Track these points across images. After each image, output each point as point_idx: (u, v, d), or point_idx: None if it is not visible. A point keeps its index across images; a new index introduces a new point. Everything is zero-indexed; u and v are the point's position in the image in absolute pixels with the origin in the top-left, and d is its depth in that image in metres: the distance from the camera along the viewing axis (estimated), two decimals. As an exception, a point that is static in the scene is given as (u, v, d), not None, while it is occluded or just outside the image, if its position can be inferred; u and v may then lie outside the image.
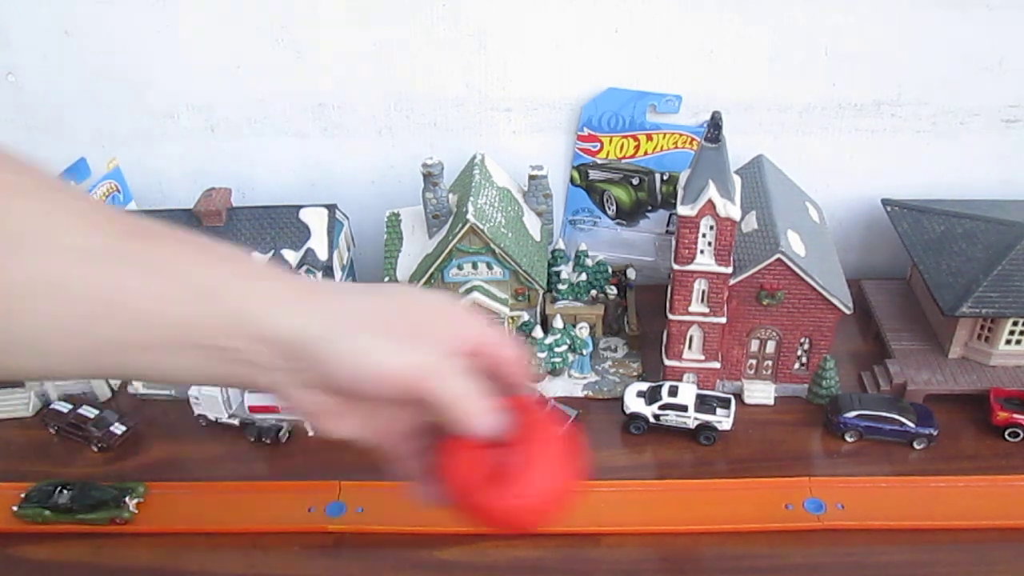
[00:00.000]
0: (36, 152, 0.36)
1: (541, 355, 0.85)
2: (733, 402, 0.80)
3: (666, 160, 0.95)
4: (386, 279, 0.86)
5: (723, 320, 0.79)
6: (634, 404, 0.80)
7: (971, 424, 0.80)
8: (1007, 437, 0.77)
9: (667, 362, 0.83)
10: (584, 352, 0.87)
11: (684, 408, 0.79)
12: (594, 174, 0.97)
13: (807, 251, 0.78)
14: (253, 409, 0.80)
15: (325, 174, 0.99)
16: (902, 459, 0.77)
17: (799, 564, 0.67)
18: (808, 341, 0.81)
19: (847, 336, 0.89)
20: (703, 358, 0.82)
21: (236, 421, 0.81)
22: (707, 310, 0.79)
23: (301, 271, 0.82)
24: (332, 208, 0.87)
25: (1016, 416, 0.77)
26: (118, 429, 0.81)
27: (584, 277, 0.90)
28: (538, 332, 0.86)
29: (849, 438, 0.78)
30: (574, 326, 0.87)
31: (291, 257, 0.82)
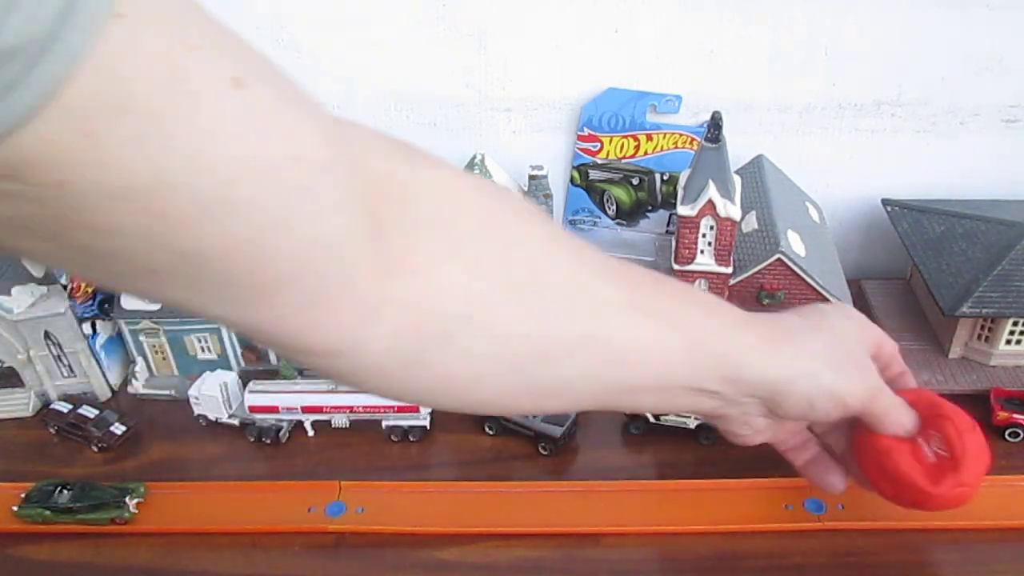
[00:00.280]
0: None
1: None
2: (733, 402, 0.80)
3: (666, 160, 0.95)
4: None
5: (723, 320, 0.79)
6: (634, 404, 0.80)
7: (971, 424, 0.80)
8: (1007, 437, 0.77)
9: (667, 362, 0.83)
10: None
11: (684, 408, 0.78)
12: (594, 174, 0.97)
13: (807, 251, 0.78)
14: (253, 409, 0.80)
15: (325, 174, 0.99)
16: (902, 459, 0.77)
17: (799, 564, 0.67)
18: (808, 341, 0.81)
19: (847, 336, 0.89)
20: (703, 358, 0.82)
21: (236, 421, 0.81)
22: (707, 310, 0.79)
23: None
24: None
25: (1016, 416, 0.77)
26: (118, 429, 0.81)
27: (584, 277, 0.90)
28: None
29: (849, 438, 0.78)
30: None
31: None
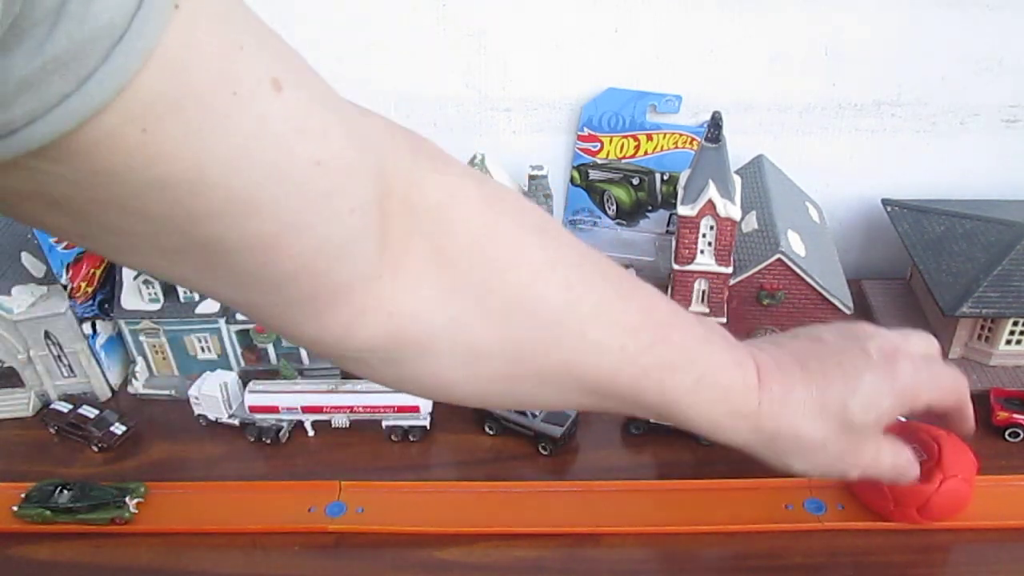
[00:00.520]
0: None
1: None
2: (733, 402, 0.80)
3: (666, 160, 0.95)
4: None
5: (723, 320, 0.79)
6: (634, 404, 0.80)
7: (971, 424, 0.80)
8: (1007, 437, 0.77)
9: (667, 362, 0.83)
10: (584, 352, 0.87)
11: (684, 408, 0.78)
12: (594, 174, 0.97)
13: (807, 251, 0.78)
14: (253, 409, 0.80)
15: (325, 174, 0.99)
16: (902, 459, 0.77)
17: (799, 564, 0.67)
18: (808, 341, 0.81)
19: (847, 336, 0.89)
20: (703, 358, 0.82)
21: (236, 421, 0.81)
22: (707, 310, 0.79)
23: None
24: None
25: (1016, 416, 0.77)
26: (118, 429, 0.81)
27: (584, 277, 0.90)
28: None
29: (849, 438, 0.78)
30: (574, 326, 0.87)
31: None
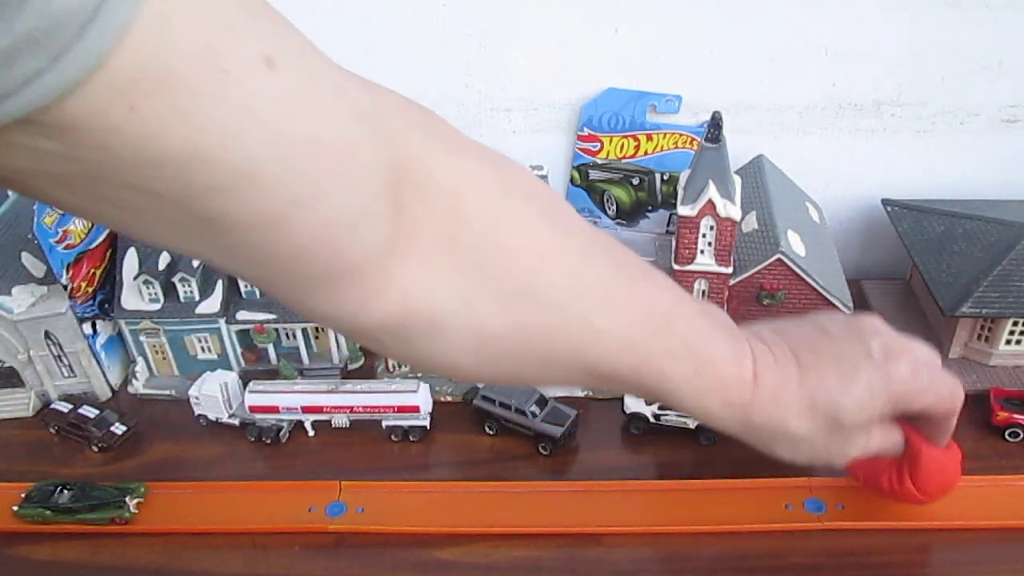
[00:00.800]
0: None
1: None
2: (733, 402, 0.80)
3: (666, 160, 0.95)
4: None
5: (723, 320, 0.79)
6: (634, 404, 0.80)
7: (971, 424, 0.79)
8: (1007, 437, 0.77)
9: (667, 362, 0.83)
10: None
11: (684, 408, 0.78)
12: (594, 174, 0.97)
13: (807, 251, 0.78)
14: (253, 409, 0.80)
15: (325, 174, 0.99)
16: (902, 459, 0.77)
17: (799, 564, 0.67)
18: (808, 341, 0.80)
19: (847, 336, 0.89)
20: (703, 358, 0.82)
21: (236, 421, 0.81)
22: (707, 310, 0.79)
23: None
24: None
25: (1016, 416, 0.77)
26: (118, 429, 0.81)
27: (584, 277, 0.90)
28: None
29: (849, 438, 0.78)
30: (574, 326, 0.87)
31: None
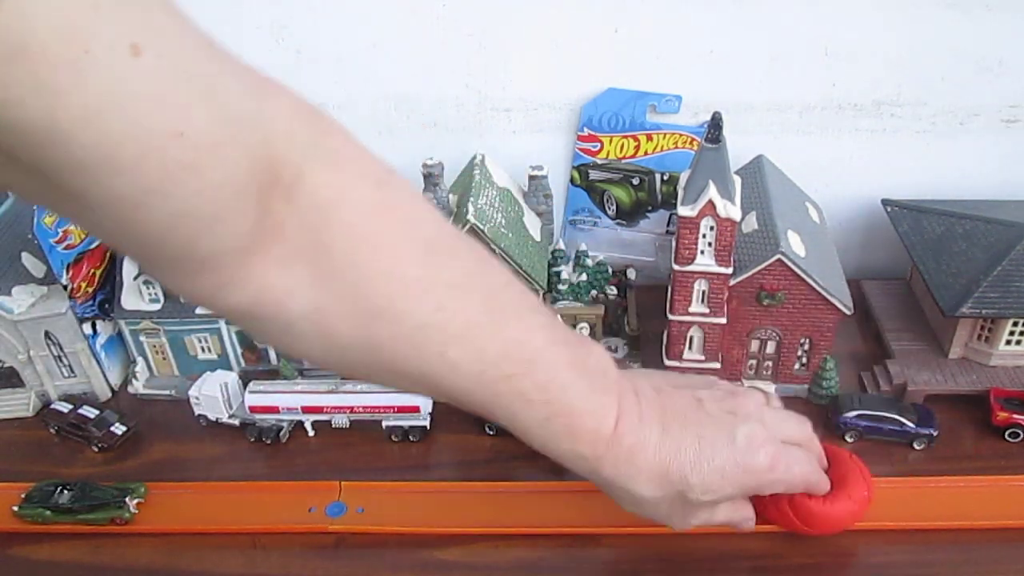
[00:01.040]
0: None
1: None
2: (733, 402, 0.80)
3: (666, 160, 0.95)
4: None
5: (723, 321, 0.79)
6: (634, 404, 0.80)
7: (971, 424, 0.80)
8: (1007, 437, 0.77)
9: (667, 362, 0.83)
10: (584, 352, 0.87)
11: (684, 408, 0.78)
12: (594, 174, 0.97)
13: (807, 251, 0.78)
14: (253, 409, 0.80)
15: (325, 174, 0.99)
16: (902, 459, 0.77)
17: (799, 564, 0.67)
18: (808, 341, 0.81)
19: (847, 336, 0.89)
20: (703, 358, 0.82)
21: (236, 421, 0.81)
22: (707, 311, 0.79)
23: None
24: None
25: (1016, 416, 0.77)
26: (118, 429, 0.81)
27: (584, 277, 0.90)
28: (538, 332, 0.86)
29: (849, 438, 0.78)
30: (575, 326, 0.87)
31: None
